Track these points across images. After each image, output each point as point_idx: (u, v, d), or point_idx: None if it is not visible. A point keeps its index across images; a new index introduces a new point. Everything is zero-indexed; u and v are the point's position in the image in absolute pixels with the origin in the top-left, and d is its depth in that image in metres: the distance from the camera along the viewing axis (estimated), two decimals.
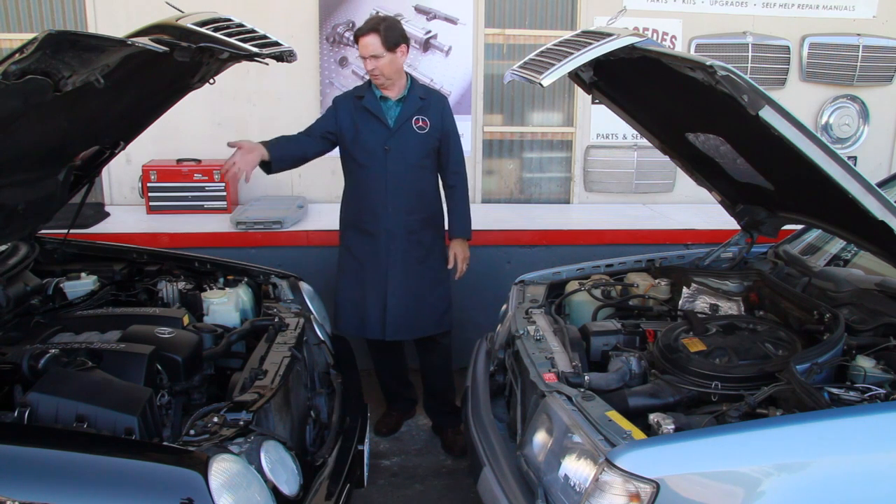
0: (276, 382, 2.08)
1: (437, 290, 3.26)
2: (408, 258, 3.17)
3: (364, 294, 3.19)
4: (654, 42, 2.05)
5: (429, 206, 3.23)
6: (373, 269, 3.17)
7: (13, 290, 2.48)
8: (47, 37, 1.53)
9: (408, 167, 3.12)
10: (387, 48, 3.00)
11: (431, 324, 3.27)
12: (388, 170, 3.10)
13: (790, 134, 1.79)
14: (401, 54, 3.07)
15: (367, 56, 3.02)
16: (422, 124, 3.13)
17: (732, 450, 1.64)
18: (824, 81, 5.05)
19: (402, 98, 3.14)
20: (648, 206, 4.95)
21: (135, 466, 1.57)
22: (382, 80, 3.06)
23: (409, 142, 3.12)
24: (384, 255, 3.15)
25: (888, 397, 1.80)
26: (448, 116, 3.22)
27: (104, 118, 2.43)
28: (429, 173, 3.22)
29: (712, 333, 2.27)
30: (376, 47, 2.99)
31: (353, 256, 3.22)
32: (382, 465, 3.27)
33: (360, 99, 3.13)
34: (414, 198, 3.16)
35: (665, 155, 2.89)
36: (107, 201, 4.66)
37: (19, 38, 4.36)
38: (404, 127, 3.11)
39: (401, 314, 3.17)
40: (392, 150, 3.09)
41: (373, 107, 3.11)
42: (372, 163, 3.11)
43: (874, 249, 2.21)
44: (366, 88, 3.17)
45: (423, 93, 3.21)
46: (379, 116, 3.10)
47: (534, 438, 1.96)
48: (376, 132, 3.10)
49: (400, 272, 3.16)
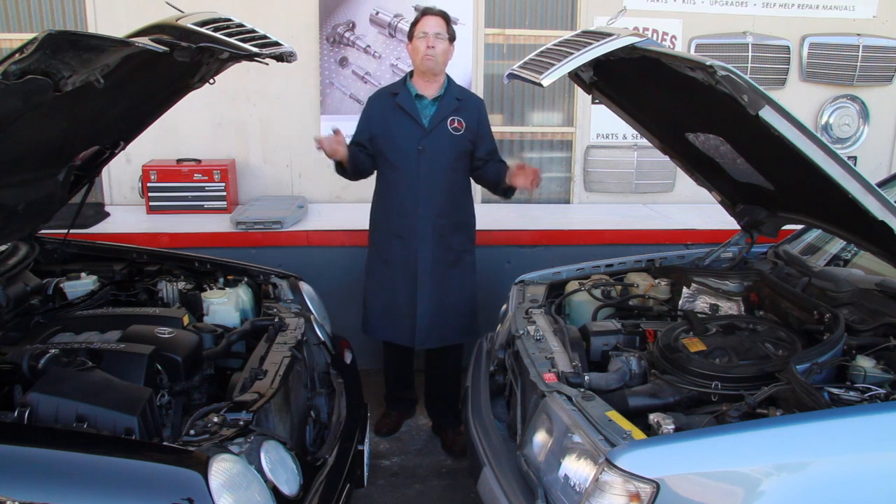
0: (276, 382, 2.08)
1: (464, 297, 3.23)
2: (438, 263, 3.12)
3: (394, 298, 3.16)
4: (654, 42, 2.05)
5: (460, 210, 3.19)
6: (402, 273, 3.13)
7: (13, 290, 2.49)
8: (47, 37, 1.53)
9: (441, 169, 3.08)
10: (449, 37, 3.04)
11: (459, 331, 3.23)
12: (421, 171, 3.05)
13: (790, 134, 1.79)
14: (452, 51, 3.09)
15: (432, 32, 2.99)
16: (457, 125, 3.08)
17: (732, 450, 1.64)
18: (824, 81, 5.05)
19: (438, 97, 3.10)
20: (648, 206, 4.95)
21: (135, 466, 1.57)
22: (434, 63, 3.01)
23: (443, 143, 3.06)
24: (414, 259, 3.10)
25: (888, 397, 1.80)
26: (484, 120, 3.19)
27: (104, 118, 2.43)
28: (461, 176, 3.18)
29: (712, 333, 2.27)
30: (444, 29, 3.01)
31: (383, 259, 3.18)
32: (382, 465, 3.26)
33: (395, 96, 3.08)
34: (446, 201, 3.11)
35: (665, 155, 2.89)
36: (107, 201, 4.67)
37: (19, 38, 4.36)
38: (439, 127, 3.06)
39: (430, 321, 3.13)
40: (426, 151, 3.04)
41: (407, 105, 3.06)
42: (404, 163, 3.06)
43: (874, 249, 2.21)
44: (401, 85, 3.13)
45: (460, 94, 3.17)
46: (413, 115, 3.05)
47: (534, 438, 1.96)
48: (410, 132, 3.05)
49: (429, 278, 3.11)
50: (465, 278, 3.24)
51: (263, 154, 4.73)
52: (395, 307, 3.17)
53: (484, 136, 3.18)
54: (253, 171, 4.73)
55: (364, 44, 4.59)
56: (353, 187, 4.71)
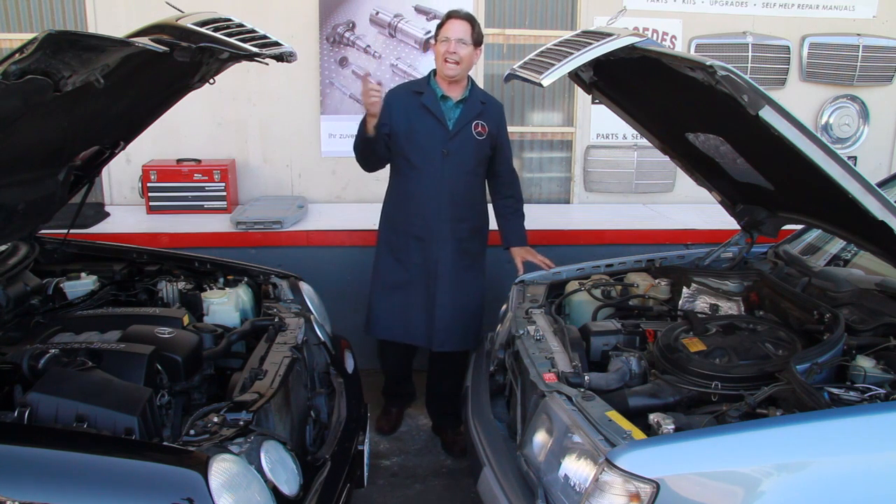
0: (276, 382, 2.08)
1: (478, 300, 3.22)
2: (456, 267, 3.11)
3: (407, 299, 3.13)
4: (654, 42, 2.05)
5: (479, 214, 3.18)
6: (420, 275, 3.11)
7: (13, 290, 2.49)
8: (47, 37, 1.53)
9: (464, 173, 3.05)
10: (473, 41, 2.98)
11: (474, 335, 3.21)
12: (445, 174, 3.01)
13: (790, 134, 1.80)
14: (477, 54, 3.03)
15: (454, 38, 2.93)
16: (481, 130, 3.05)
17: (732, 450, 1.64)
18: (824, 81, 5.05)
19: (462, 100, 3.05)
20: (648, 206, 4.95)
21: (135, 466, 1.57)
22: (456, 69, 2.95)
23: (467, 146, 3.03)
24: (433, 262, 3.08)
25: (888, 397, 1.80)
26: (503, 125, 3.17)
27: (104, 118, 2.43)
28: (481, 181, 3.18)
29: (712, 333, 2.28)
30: (468, 34, 2.95)
31: (397, 259, 3.14)
32: (382, 465, 3.26)
33: (419, 95, 3.02)
34: (466, 205, 3.09)
35: (665, 155, 2.89)
36: (107, 201, 4.66)
37: (19, 38, 4.36)
38: (464, 131, 3.03)
39: (449, 324, 3.12)
40: (451, 155, 3.00)
41: (433, 106, 3.00)
42: (427, 166, 3.01)
43: (874, 249, 2.21)
44: (425, 84, 3.07)
45: (484, 97, 3.13)
46: (438, 116, 3.00)
47: (534, 438, 1.97)
48: (434, 133, 3.00)
49: (448, 281, 3.09)
50: (478, 281, 3.23)
51: (263, 154, 4.73)
52: (410, 308, 3.14)
53: (502, 143, 3.17)
54: (253, 171, 4.73)
55: (364, 44, 4.59)
56: (353, 187, 4.74)
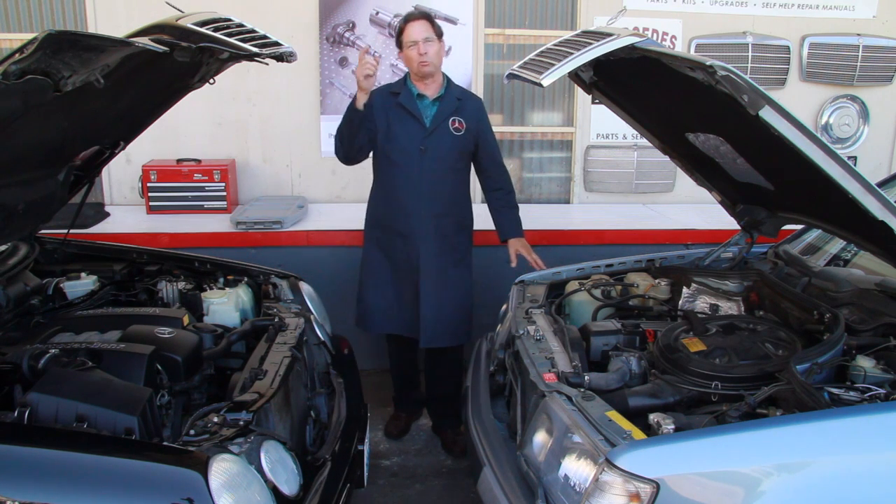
0: (276, 382, 2.08)
1: (467, 297, 3.24)
2: (441, 262, 3.14)
3: (394, 294, 3.18)
4: (654, 42, 2.05)
5: (461, 209, 3.20)
6: (404, 271, 3.15)
7: (13, 290, 2.49)
8: (47, 37, 1.53)
9: (443, 169, 3.08)
10: (437, 35, 3.01)
11: (464, 331, 3.23)
12: (424, 171, 3.05)
13: (790, 134, 1.79)
14: (443, 46, 3.06)
15: (420, 39, 2.96)
16: (458, 126, 3.09)
17: (732, 450, 1.64)
18: (824, 81, 5.05)
19: (439, 97, 3.09)
20: (648, 206, 4.95)
21: (135, 466, 1.57)
22: (431, 67, 3.00)
23: (444, 143, 3.07)
24: (416, 257, 3.11)
25: (888, 397, 1.80)
26: (484, 119, 3.19)
27: (104, 118, 2.43)
28: (463, 176, 3.20)
29: (712, 333, 2.27)
30: (430, 31, 2.98)
31: (384, 255, 3.19)
32: (382, 465, 3.26)
33: (396, 95, 3.07)
34: (448, 200, 3.13)
35: (665, 155, 2.89)
36: (107, 201, 4.66)
37: (19, 38, 4.36)
38: (441, 127, 3.06)
39: (434, 320, 3.14)
40: (428, 151, 3.05)
41: (409, 104, 3.05)
42: (406, 162, 3.06)
43: (874, 249, 2.21)
44: (401, 85, 3.12)
45: (460, 94, 3.17)
46: (415, 115, 3.05)
47: (534, 438, 1.96)
48: (411, 131, 3.05)
49: (434, 277, 3.12)
50: (466, 279, 3.26)
51: (263, 154, 4.73)
52: (398, 303, 3.18)
53: (485, 138, 3.18)
54: (253, 171, 4.73)
55: (364, 44, 4.59)
56: (353, 187, 4.74)
